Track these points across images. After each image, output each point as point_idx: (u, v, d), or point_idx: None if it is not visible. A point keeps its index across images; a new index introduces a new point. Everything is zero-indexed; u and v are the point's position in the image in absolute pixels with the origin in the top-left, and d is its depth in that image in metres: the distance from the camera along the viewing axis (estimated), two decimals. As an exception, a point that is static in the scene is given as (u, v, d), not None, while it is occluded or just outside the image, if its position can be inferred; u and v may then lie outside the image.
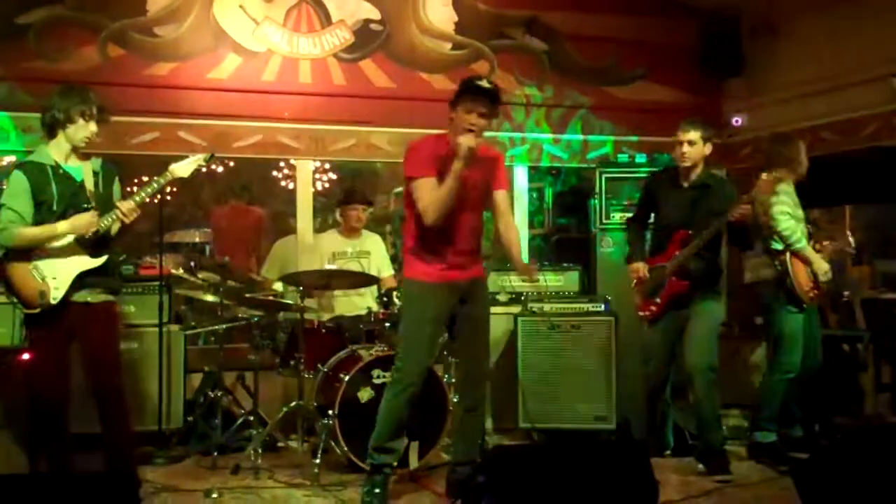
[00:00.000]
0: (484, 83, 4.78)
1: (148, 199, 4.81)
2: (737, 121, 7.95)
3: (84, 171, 4.80)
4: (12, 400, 5.18)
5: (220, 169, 10.59)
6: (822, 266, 5.68)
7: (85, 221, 4.64)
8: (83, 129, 4.72)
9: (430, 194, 4.67)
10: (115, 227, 4.77)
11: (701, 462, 5.53)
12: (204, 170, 5.06)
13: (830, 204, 6.71)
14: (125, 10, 6.79)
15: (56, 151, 4.75)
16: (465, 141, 4.59)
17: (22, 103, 6.55)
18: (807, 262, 5.68)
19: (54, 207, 4.65)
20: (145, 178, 9.00)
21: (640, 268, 5.65)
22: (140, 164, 7.61)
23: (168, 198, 5.67)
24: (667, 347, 5.66)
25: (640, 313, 5.78)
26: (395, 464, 5.00)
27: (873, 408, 6.63)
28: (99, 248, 4.74)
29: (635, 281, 5.71)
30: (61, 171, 4.72)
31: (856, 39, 6.94)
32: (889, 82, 6.58)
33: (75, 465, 4.76)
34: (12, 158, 8.53)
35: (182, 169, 4.89)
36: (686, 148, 5.51)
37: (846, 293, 7.21)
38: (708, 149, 5.53)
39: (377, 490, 4.85)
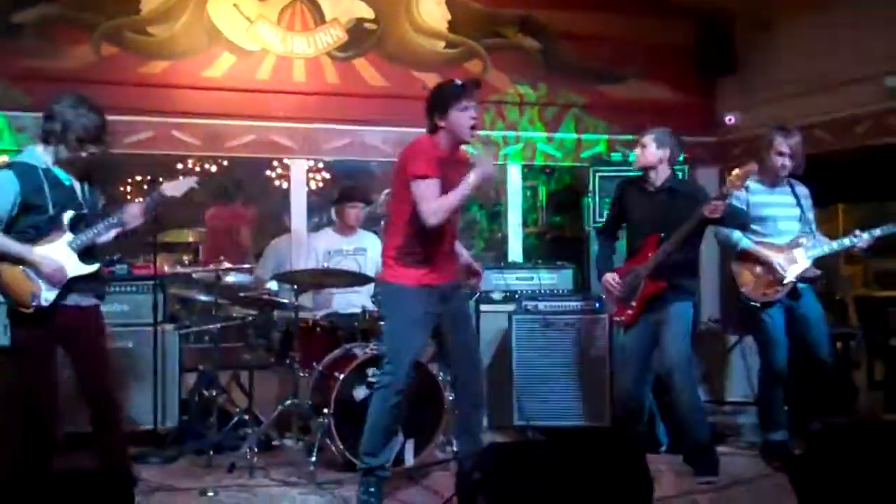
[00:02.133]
0: (465, 81, 4.84)
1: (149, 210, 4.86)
2: (730, 119, 7.97)
3: (73, 179, 4.74)
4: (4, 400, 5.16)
5: (214, 168, 10.58)
6: (768, 260, 5.67)
7: (55, 268, 4.56)
8: (72, 153, 4.61)
9: (438, 198, 4.63)
10: (112, 234, 4.78)
11: (688, 462, 5.53)
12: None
13: (823, 203, 6.71)
14: (119, 8, 6.81)
15: (46, 155, 4.66)
16: (488, 162, 4.74)
17: (16, 102, 6.56)
18: (753, 259, 5.70)
19: (50, 211, 4.59)
20: (138, 178, 9.04)
21: (609, 278, 5.66)
22: (133, 162, 7.60)
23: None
24: (642, 353, 5.65)
25: (616, 318, 5.80)
26: (388, 465, 4.98)
27: (866, 405, 6.65)
28: (89, 255, 4.71)
29: (607, 292, 5.72)
30: (52, 174, 4.64)
31: (849, 38, 6.95)
32: (882, 81, 6.60)
33: (69, 464, 4.74)
34: (5, 158, 8.59)
35: (173, 188, 4.88)
36: (637, 150, 5.58)
37: (838, 291, 7.24)
38: (662, 153, 5.53)
39: (372, 489, 4.83)
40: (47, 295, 4.57)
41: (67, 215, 4.63)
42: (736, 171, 5.21)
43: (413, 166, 4.67)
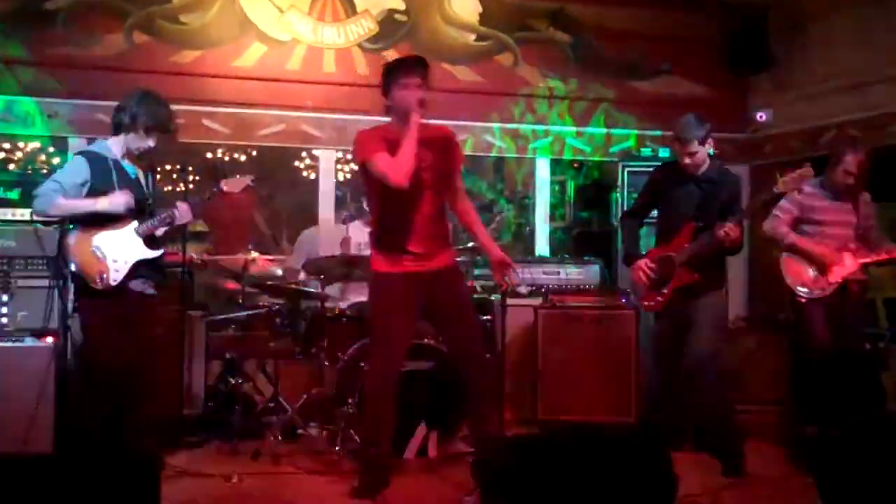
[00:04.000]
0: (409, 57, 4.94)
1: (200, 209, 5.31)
2: (761, 116, 7.92)
3: (138, 172, 5.09)
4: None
5: (243, 158, 10.62)
6: (817, 256, 5.66)
7: (123, 199, 4.86)
8: (141, 141, 4.94)
9: (391, 159, 4.62)
10: (164, 228, 5.07)
11: (715, 458, 5.50)
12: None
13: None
14: (152, -4, 6.84)
15: (116, 147, 5.00)
16: (413, 94, 4.66)
17: (48, 89, 6.62)
18: (801, 254, 5.70)
19: None
20: (168, 167, 9.08)
21: (643, 266, 5.60)
22: (163, 151, 7.62)
23: (190, 186, 5.69)
24: (675, 340, 5.60)
25: (645, 303, 5.73)
26: (388, 453, 4.97)
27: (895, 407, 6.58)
28: (153, 242, 5.02)
29: (638, 278, 5.65)
30: (120, 166, 4.98)
31: (882, 36, 6.90)
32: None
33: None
34: (37, 144, 8.67)
35: (231, 185, 5.22)
36: (688, 160, 5.47)
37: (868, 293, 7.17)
38: (709, 146, 5.47)
39: (373, 478, 4.86)
40: (115, 275, 4.86)
41: (133, 205, 4.93)
42: (791, 175, 5.16)
43: (357, 153, 4.81)
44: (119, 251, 4.90)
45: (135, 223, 4.95)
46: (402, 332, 4.91)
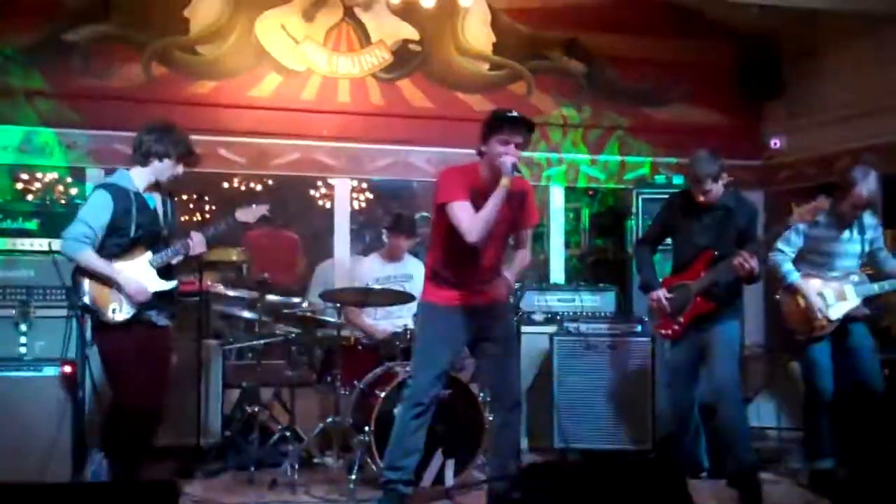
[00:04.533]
0: (514, 112, 4.75)
1: (213, 239, 5.22)
2: (776, 143, 7.93)
3: (156, 202, 5.05)
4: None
5: (259, 187, 10.67)
6: (812, 302, 5.61)
7: (135, 289, 4.85)
8: (173, 169, 4.99)
9: (472, 215, 4.65)
10: (178, 258, 5.08)
11: (731, 486, 5.47)
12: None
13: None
14: (169, 28, 6.93)
15: (138, 179, 4.98)
16: (510, 159, 4.60)
17: (67, 120, 6.70)
18: (799, 295, 5.63)
19: (132, 234, 4.89)
20: (185, 197, 9.13)
21: (661, 296, 5.61)
22: (179, 181, 7.67)
23: (207, 216, 5.73)
24: (690, 368, 5.61)
25: (662, 332, 5.73)
26: (410, 481, 4.98)
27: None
28: (167, 273, 5.01)
29: (655, 308, 5.66)
30: (141, 198, 4.96)
31: (895, 63, 6.91)
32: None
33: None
34: (55, 175, 8.74)
35: (245, 214, 5.26)
36: (702, 198, 5.44)
37: (885, 317, 7.13)
38: (722, 182, 5.49)
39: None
40: (127, 310, 4.86)
41: (147, 236, 4.95)
42: (807, 207, 5.15)
43: (438, 194, 4.78)
44: (134, 285, 4.87)
45: (149, 254, 4.94)
46: (443, 361, 4.94)
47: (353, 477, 5.44)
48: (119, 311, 4.85)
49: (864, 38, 7.19)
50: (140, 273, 4.91)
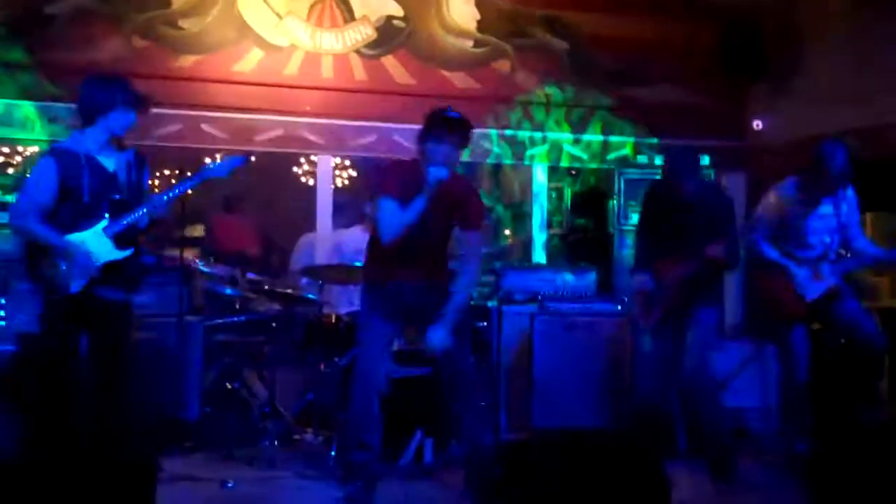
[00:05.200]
0: (451, 112, 4.74)
1: (180, 195, 4.85)
2: (758, 124, 7.93)
3: (117, 162, 4.73)
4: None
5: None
6: (792, 273, 5.65)
7: (82, 254, 4.55)
8: (124, 118, 4.66)
9: (391, 215, 4.66)
10: (144, 221, 4.72)
11: (707, 467, 5.52)
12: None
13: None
14: (151, 2, 6.86)
15: (91, 140, 4.68)
16: (436, 171, 4.58)
17: (47, 93, 6.63)
18: (780, 272, 5.69)
19: (85, 199, 4.59)
20: (166, 172, 9.08)
21: (645, 280, 5.66)
22: (162, 156, 7.64)
23: (189, 191, 5.66)
24: (667, 357, 5.65)
25: (641, 321, 5.80)
26: (375, 457, 4.93)
27: (890, 418, 6.58)
28: (125, 241, 4.68)
29: (638, 293, 5.71)
30: (94, 161, 4.65)
31: (882, 45, 6.91)
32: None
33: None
34: (36, 149, 8.68)
35: (219, 168, 4.96)
36: (679, 191, 5.49)
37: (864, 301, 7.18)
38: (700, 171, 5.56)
39: (359, 486, 4.83)
40: (75, 283, 4.56)
41: (105, 201, 4.62)
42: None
43: (374, 186, 4.91)
44: (84, 255, 4.57)
45: (104, 222, 4.62)
46: (382, 336, 4.93)
47: (333, 454, 5.46)
48: (66, 286, 4.54)
49: (849, 20, 7.19)
50: (91, 244, 4.57)
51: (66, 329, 4.65)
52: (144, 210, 4.67)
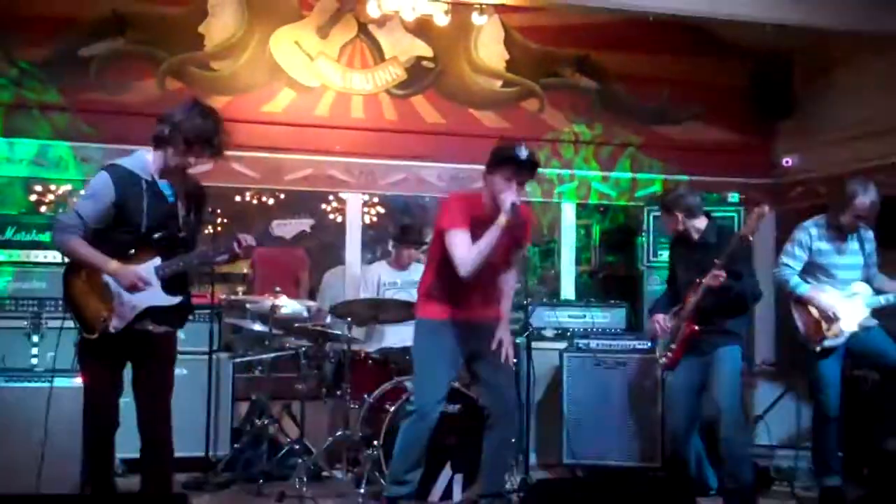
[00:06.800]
0: (523, 152, 4.76)
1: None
2: (787, 162, 7.92)
3: (177, 193, 4.39)
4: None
5: (272, 201, 10.73)
6: (825, 308, 5.65)
7: (131, 278, 4.22)
8: (180, 157, 4.26)
9: (469, 249, 4.71)
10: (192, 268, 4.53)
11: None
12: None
13: (883, 246, 6.65)
14: (184, 44, 6.98)
15: (154, 163, 4.32)
16: (510, 197, 4.65)
17: (81, 133, 6.73)
18: (811, 305, 5.70)
19: (142, 226, 4.25)
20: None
21: (660, 318, 5.67)
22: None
23: (219, 228, 5.71)
24: (688, 393, 5.64)
25: (660, 361, 5.79)
26: (414, 494, 5.01)
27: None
28: (174, 285, 4.36)
29: (655, 332, 5.73)
30: (155, 187, 4.30)
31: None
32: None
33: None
34: (69, 188, 8.80)
35: (285, 229, 5.14)
36: (680, 229, 5.60)
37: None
38: (680, 218, 5.56)
39: None
40: (116, 323, 4.25)
41: (159, 235, 4.29)
42: (749, 219, 5.23)
43: (442, 219, 4.85)
44: (129, 294, 4.25)
45: (157, 260, 4.28)
46: (443, 376, 4.97)
47: (362, 491, 5.46)
48: (107, 323, 4.22)
49: (876, 58, 7.19)
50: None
51: (104, 363, 4.38)
52: (196, 262, 4.44)
